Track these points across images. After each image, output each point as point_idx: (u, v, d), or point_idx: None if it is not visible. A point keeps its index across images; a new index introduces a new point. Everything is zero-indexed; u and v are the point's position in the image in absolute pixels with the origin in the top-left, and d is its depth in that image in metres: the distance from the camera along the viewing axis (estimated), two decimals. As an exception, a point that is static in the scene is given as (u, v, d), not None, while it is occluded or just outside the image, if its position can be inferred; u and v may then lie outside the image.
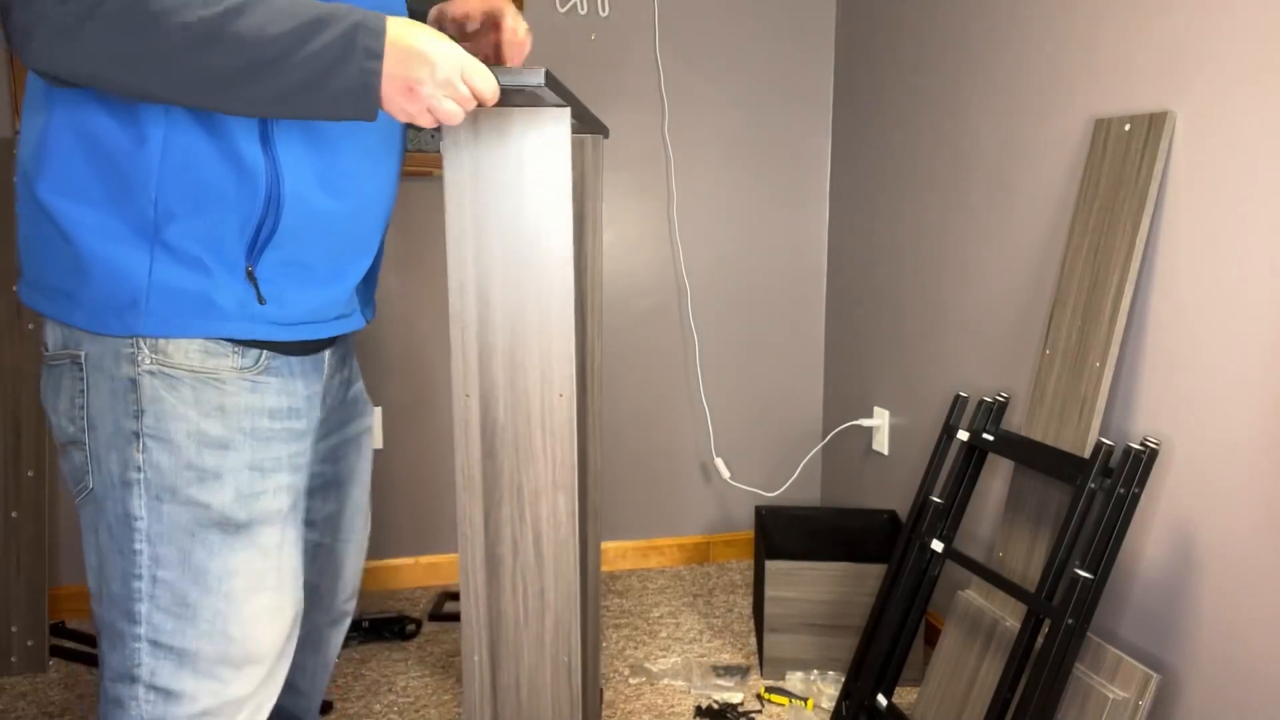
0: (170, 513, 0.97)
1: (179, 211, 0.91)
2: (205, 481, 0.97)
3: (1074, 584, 1.35)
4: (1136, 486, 1.36)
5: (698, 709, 1.87)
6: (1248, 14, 1.28)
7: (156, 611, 0.98)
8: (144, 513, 0.97)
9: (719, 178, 2.54)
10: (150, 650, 0.98)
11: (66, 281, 0.94)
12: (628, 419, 2.58)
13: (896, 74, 2.22)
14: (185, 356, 0.96)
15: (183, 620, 0.98)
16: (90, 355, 0.96)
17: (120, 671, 0.99)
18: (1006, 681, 1.44)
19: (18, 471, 2.02)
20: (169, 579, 0.97)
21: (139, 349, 0.94)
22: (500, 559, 1.08)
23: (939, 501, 1.69)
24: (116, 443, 0.96)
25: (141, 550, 0.97)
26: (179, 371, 0.96)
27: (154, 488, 0.96)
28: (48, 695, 1.92)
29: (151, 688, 0.99)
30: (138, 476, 0.96)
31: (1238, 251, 1.30)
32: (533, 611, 1.09)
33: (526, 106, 1.01)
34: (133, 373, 0.95)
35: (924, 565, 1.69)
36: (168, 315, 0.94)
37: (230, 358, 0.98)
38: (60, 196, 0.91)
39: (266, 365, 1.02)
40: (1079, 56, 1.60)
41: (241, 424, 1.00)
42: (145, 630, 0.98)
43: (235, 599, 1.00)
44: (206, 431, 0.97)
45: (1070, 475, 1.45)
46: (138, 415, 0.96)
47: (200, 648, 0.99)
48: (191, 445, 0.97)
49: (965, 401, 1.71)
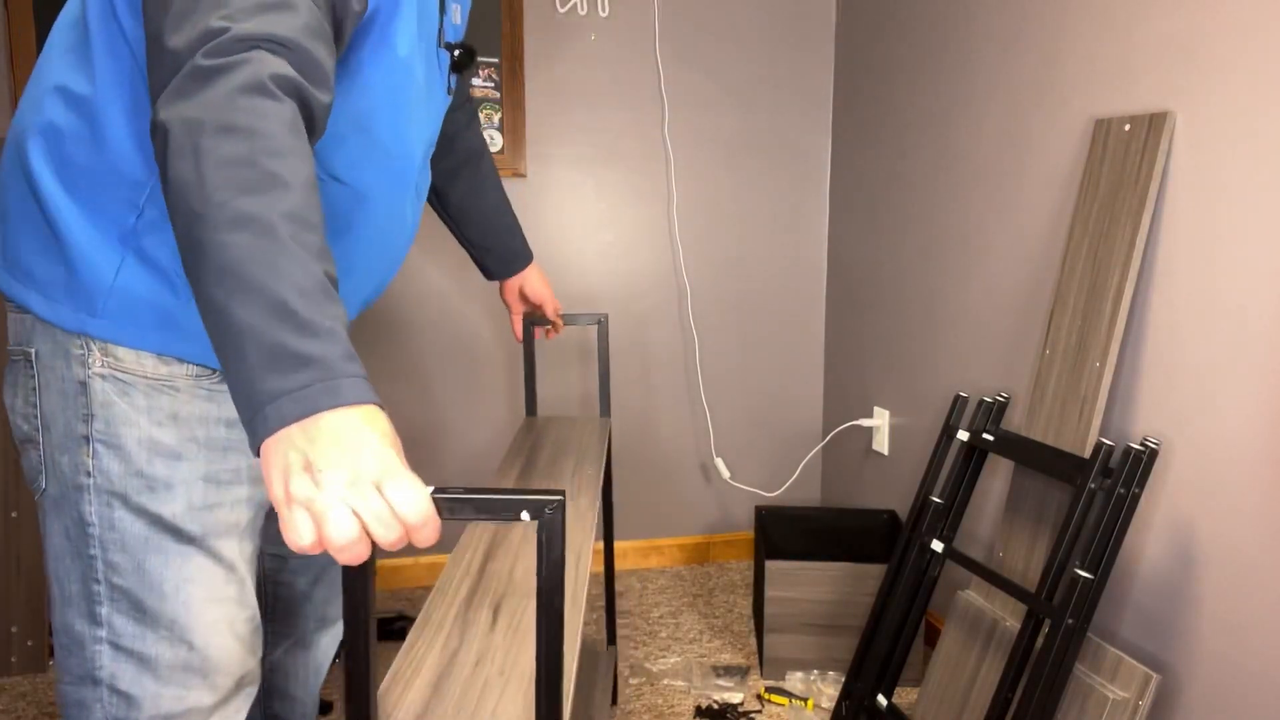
0: (121, 519, 0.94)
1: (162, 224, 0.89)
2: (156, 491, 0.94)
3: (1074, 584, 1.34)
4: (1136, 486, 1.36)
5: (698, 709, 1.87)
6: (1248, 14, 1.27)
7: (117, 615, 0.96)
8: (95, 519, 0.94)
9: (719, 178, 2.54)
10: (111, 653, 0.96)
11: (32, 258, 0.91)
12: (628, 419, 2.58)
13: (897, 74, 2.22)
14: (138, 362, 0.93)
15: (142, 625, 0.96)
16: (41, 353, 0.93)
17: (81, 674, 0.97)
18: (1006, 682, 1.44)
19: (18, 471, 2.02)
20: (125, 585, 0.95)
21: (89, 350, 0.91)
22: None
23: (939, 501, 1.69)
24: (68, 445, 0.93)
25: (97, 555, 0.95)
26: (131, 376, 0.93)
27: (104, 494, 0.93)
28: (48, 695, 1.92)
29: (113, 690, 0.97)
30: (88, 482, 0.94)
31: (1238, 252, 1.30)
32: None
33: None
34: (83, 375, 0.92)
35: (924, 565, 1.69)
36: (123, 322, 0.91)
37: (186, 365, 0.95)
38: (52, 175, 0.88)
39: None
40: (1079, 57, 1.60)
41: (195, 433, 0.96)
42: (106, 633, 0.96)
43: (194, 607, 0.97)
44: (158, 439, 0.94)
45: (1070, 475, 1.45)
46: (88, 419, 0.93)
47: (160, 653, 0.97)
48: (142, 453, 0.94)
49: (965, 401, 1.71)
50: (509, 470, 1.42)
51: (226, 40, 0.71)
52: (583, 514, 1.20)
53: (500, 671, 0.82)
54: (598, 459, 1.47)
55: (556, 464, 1.44)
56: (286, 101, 0.72)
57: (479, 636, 0.88)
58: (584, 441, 1.57)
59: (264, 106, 0.70)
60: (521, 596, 0.97)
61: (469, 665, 0.83)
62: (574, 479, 1.36)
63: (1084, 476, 1.40)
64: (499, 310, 2.46)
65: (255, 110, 0.69)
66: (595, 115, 2.45)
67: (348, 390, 0.63)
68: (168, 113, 0.69)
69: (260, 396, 0.62)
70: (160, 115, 0.70)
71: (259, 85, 0.70)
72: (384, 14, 0.91)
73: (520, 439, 1.59)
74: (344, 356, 0.64)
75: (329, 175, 0.96)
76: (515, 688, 0.79)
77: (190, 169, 0.67)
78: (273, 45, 0.73)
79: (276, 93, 0.71)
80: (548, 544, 0.61)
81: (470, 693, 0.79)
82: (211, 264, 0.65)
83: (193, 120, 0.68)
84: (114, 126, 0.87)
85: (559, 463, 1.45)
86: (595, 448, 1.53)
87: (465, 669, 0.83)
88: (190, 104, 0.69)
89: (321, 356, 0.63)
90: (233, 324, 0.64)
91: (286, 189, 0.68)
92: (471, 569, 1.04)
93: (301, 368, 0.62)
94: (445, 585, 1.00)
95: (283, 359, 0.62)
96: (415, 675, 0.82)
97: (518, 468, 1.43)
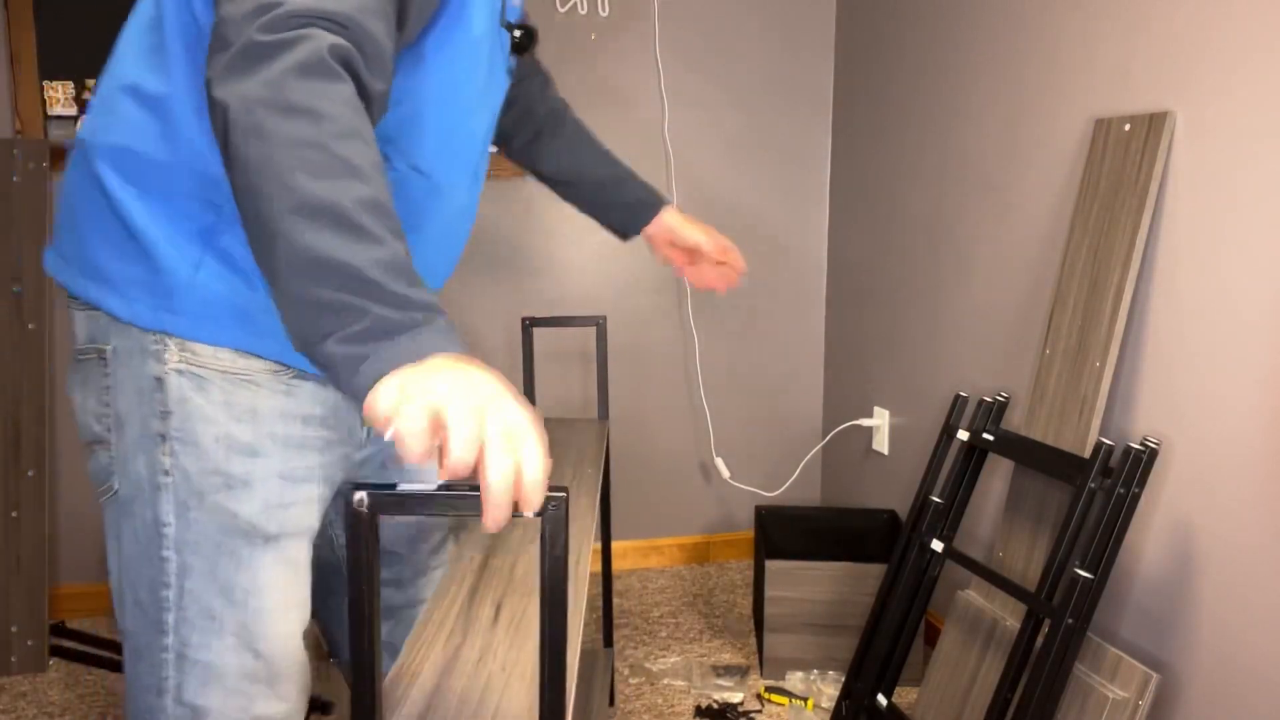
0: (197, 520, 0.92)
1: (239, 222, 0.84)
2: (233, 489, 0.92)
3: (1074, 584, 1.35)
4: (1136, 486, 1.36)
5: (698, 709, 1.87)
6: (1247, 14, 1.28)
7: (184, 623, 0.93)
8: (172, 519, 0.92)
9: (719, 177, 2.54)
10: (177, 663, 0.94)
11: (107, 259, 0.89)
12: (628, 419, 2.58)
13: (897, 74, 2.22)
14: (215, 357, 0.91)
15: (209, 634, 0.93)
16: (118, 350, 0.91)
17: (147, 684, 0.95)
18: (1006, 681, 1.44)
19: (18, 471, 2.02)
20: (196, 590, 0.93)
21: (166, 346, 0.89)
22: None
23: (939, 501, 1.69)
24: (144, 444, 0.91)
25: (170, 559, 0.92)
26: (208, 372, 0.91)
27: (181, 493, 0.91)
28: (48, 695, 1.92)
29: (179, 702, 0.95)
30: (165, 481, 0.91)
31: (1238, 251, 1.30)
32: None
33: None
34: (159, 371, 0.90)
35: (924, 565, 1.69)
36: (202, 319, 0.89)
37: (265, 360, 0.93)
38: (126, 176, 0.87)
39: (302, 370, 0.96)
40: (1079, 56, 1.60)
41: (274, 429, 0.94)
42: (173, 641, 0.94)
43: (263, 615, 0.95)
44: (235, 436, 0.92)
45: (1070, 475, 1.45)
46: (165, 416, 0.90)
47: (227, 662, 0.94)
48: (220, 450, 0.91)
49: (965, 401, 1.71)
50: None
51: (281, 15, 0.69)
52: (582, 514, 1.20)
53: (503, 668, 0.82)
54: (596, 460, 1.47)
55: (556, 465, 1.45)
56: (347, 81, 0.71)
57: (481, 633, 0.89)
58: (583, 443, 1.57)
59: (326, 87, 0.69)
60: (523, 594, 0.97)
61: (472, 661, 0.83)
62: (574, 480, 1.37)
63: (1084, 476, 1.40)
64: (499, 311, 2.47)
65: (317, 91, 0.68)
66: (595, 115, 2.45)
67: (443, 338, 0.66)
68: (224, 90, 0.68)
69: (361, 354, 0.64)
70: (217, 92, 0.68)
71: (319, 64, 0.69)
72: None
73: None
74: (436, 307, 0.67)
75: (410, 167, 0.93)
76: (518, 684, 0.79)
77: (257, 151, 0.66)
78: (329, 23, 0.71)
79: (338, 71, 0.70)
80: (551, 540, 0.61)
81: (474, 689, 0.79)
82: (288, 250, 0.65)
83: (253, 99, 0.67)
84: (188, 126, 0.85)
85: (558, 464, 1.45)
86: (594, 449, 1.54)
87: (468, 665, 0.83)
88: (249, 82, 0.68)
89: (423, 304, 0.66)
90: (317, 301, 0.65)
91: (358, 174, 0.67)
92: (473, 566, 1.04)
93: (398, 326, 0.65)
94: (447, 583, 1.00)
95: (378, 322, 0.64)
96: (419, 671, 0.82)
97: (518, 467, 1.43)
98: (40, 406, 2.04)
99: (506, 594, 0.97)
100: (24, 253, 2.05)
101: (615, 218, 1.43)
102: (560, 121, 1.41)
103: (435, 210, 0.98)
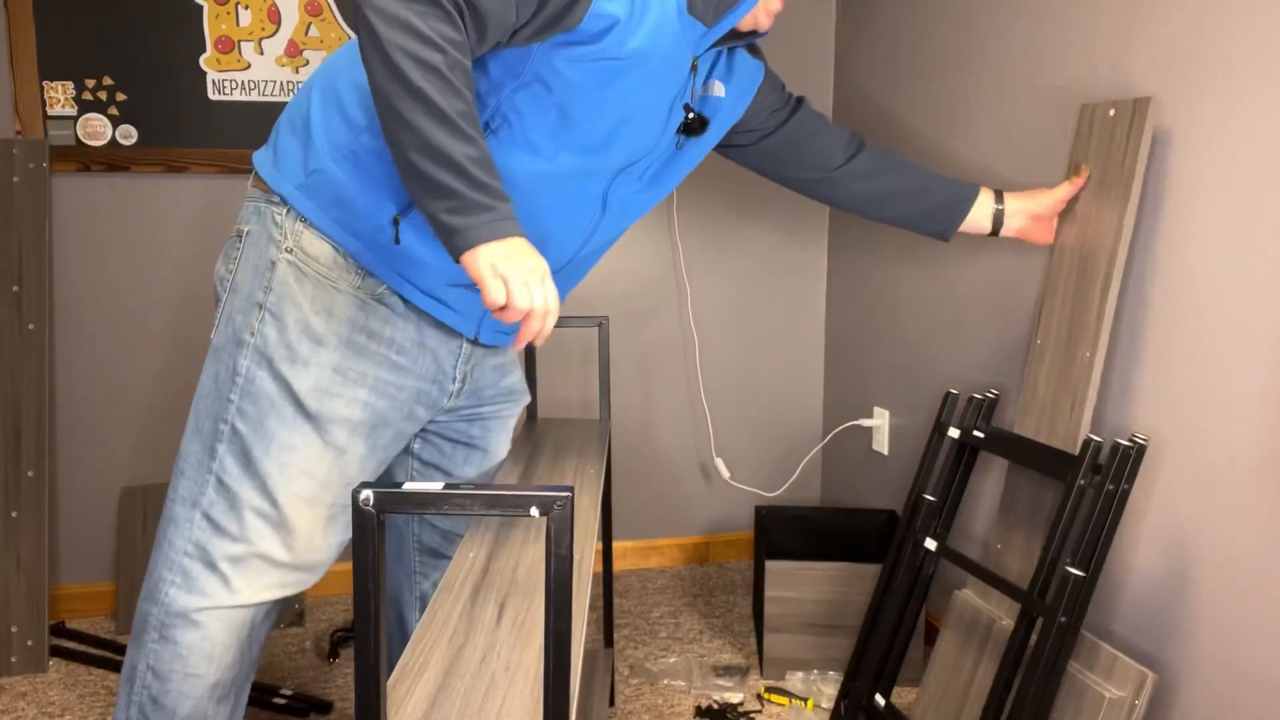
0: (262, 377, 1.15)
1: (379, 148, 1.12)
2: (294, 363, 1.15)
3: (1065, 581, 1.35)
4: (1126, 483, 1.37)
5: (698, 709, 1.88)
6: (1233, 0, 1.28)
7: (229, 455, 1.16)
8: (244, 370, 1.16)
9: (719, 178, 2.54)
10: (215, 485, 1.17)
11: (286, 143, 1.18)
12: (628, 419, 2.59)
13: (896, 73, 2.22)
14: (317, 258, 1.16)
15: (244, 470, 1.16)
16: (251, 233, 1.19)
17: (185, 495, 1.18)
18: (1001, 680, 1.44)
19: (18, 471, 2.02)
20: (244, 431, 1.16)
21: (286, 238, 1.16)
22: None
23: (931, 499, 1.70)
24: (245, 308, 1.17)
25: (233, 400, 1.16)
26: (308, 267, 1.16)
27: (257, 353, 1.15)
28: (48, 695, 1.92)
29: (206, 516, 1.17)
30: (249, 339, 1.16)
31: (1234, 242, 1.31)
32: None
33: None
34: (275, 256, 1.16)
35: (918, 564, 1.70)
36: (318, 200, 1.15)
37: (352, 275, 1.17)
38: (321, 96, 1.18)
39: (381, 295, 1.19)
40: (1068, 44, 1.61)
41: (340, 330, 1.17)
42: (217, 467, 1.16)
43: (287, 470, 1.16)
44: (310, 324, 1.16)
45: (1060, 472, 1.46)
46: (267, 290, 1.16)
47: (249, 499, 1.16)
48: (295, 330, 1.15)
49: (956, 399, 1.71)
50: (511, 471, 1.42)
51: None
52: (584, 514, 1.20)
53: (506, 667, 0.82)
54: (598, 461, 1.47)
55: (557, 465, 1.45)
56: (457, 22, 0.97)
57: (484, 633, 0.89)
58: (584, 444, 1.58)
59: (441, 26, 0.96)
60: (525, 594, 0.97)
61: (475, 661, 0.84)
62: (576, 480, 1.37)
63: (1074, 473, 1.40)
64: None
65: (435, 25, 0.96)
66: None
67: (518, 227, 1.00)
68: (368, 12, 0.95)
69: (457, 225, 0.97)
70: (361, 12, 0.96)
71: (438, 4, 0.96)
72: (621, 22, 1.07)
73: (521, 441, 1.60)
74: (503, 195, 0.99)
75: (526, 141, 1.14)
76: (521, 683, 0.80)
77: (390, 64, 0.95)
78: None
79: (451, 13, 0.97)
80: (556, 539, 0.61)
81: (477, 688, 0.79)
82: (411, 136, 0.96)
83: (389, 20, 0.94)
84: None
85: (560, 464, 1.45)
86: (595, 449, 1.54)
87: (471, 664, 0.83)
88: (389, 9, 0.94)
89: (495, 191, 0.98)
90: (426, 174, 0.96)
91: (460, 94, 0.97)
92: (475, 567, 1.04)
93: (482, 210, 0.97)
94: (450, 583, 1.00)
95: (481, 207, 0.97)
96: (422, 670, 0.82)
97: (519, 469, 1.43)
98: (40, 406, 2.04)
99: (509, 595, 0.97)
100: (24, 253, 2.05)
101: (932, 223, 1.58)
102: (874, 157, 1.57)
103: (545, 190, 1.19)
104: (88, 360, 2.22)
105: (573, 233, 1.26)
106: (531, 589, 0.99)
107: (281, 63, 2.20)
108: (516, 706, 0.76)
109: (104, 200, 2.18)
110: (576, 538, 1.11)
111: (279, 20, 2.19)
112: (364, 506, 0.61)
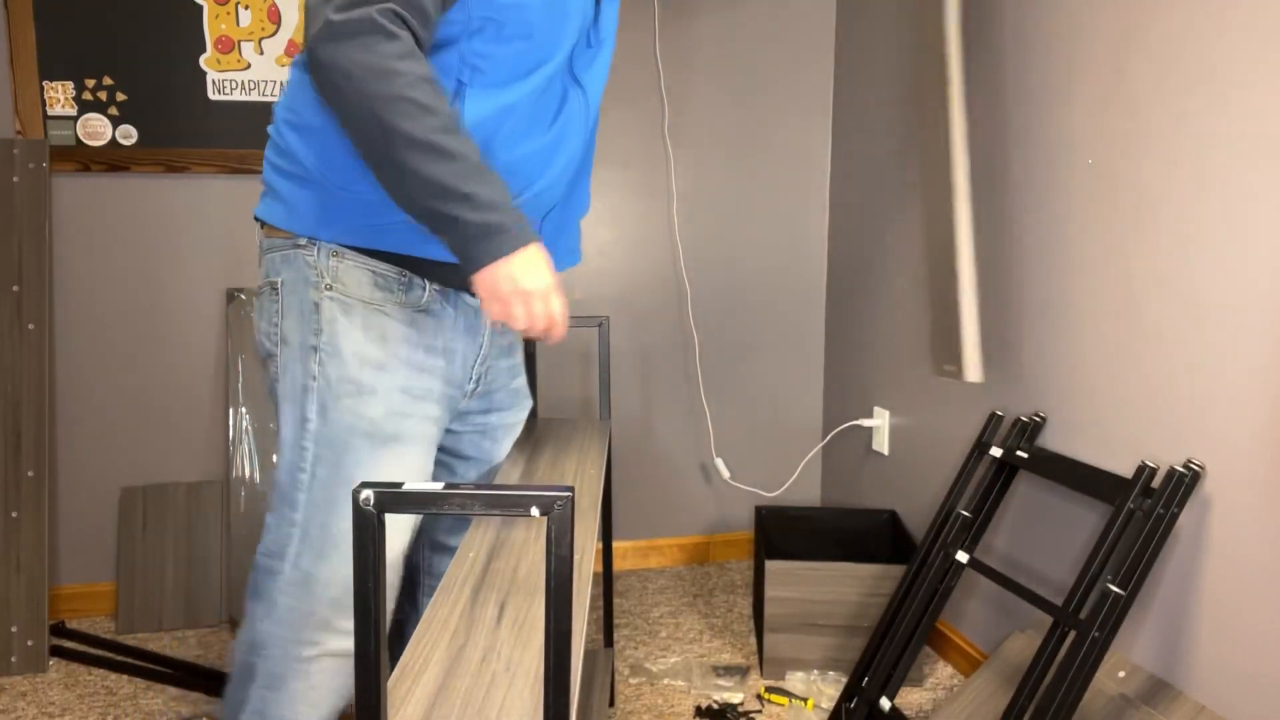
0: (333, 418, 1.14)
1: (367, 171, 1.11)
2: (363, 395, 1.15)
3: (1104, 597, 1.34)
4: (1176, 507, 1.36)
5: (698, 709, 1.87)
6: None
7: (311, 504, 1.15)
8: (314, 416, 1.15)
9: (719, 178, 2.54)
10: (301, 536, 1.15)
11: (289, 182, 1.16)
12: (628, 418, 2.59)
13: (897, 73, 2.22)
14: (358, 287, 1.16)
15: (329, 515, 1.14)
16: (285, 282, 1.17)
17: (274, 549, 1.17)
18: (1024, 690, 1.42)
19: (18, 471, 2.02)
20: (324, 476, 1.14)
21: (322, 277, 1.15)
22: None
23: (967, 515, 1.69)
24: (301, 356, 1.16)
25: (308, 448, 1.15)
26: (351, 300, 1.15)
27: (323, 395, 1.14)
28: (48, 695, 1.92)
29: (295, 567, 1.16)
30: (313, 384, 1.15)
31: (1231, 246, 1.30)
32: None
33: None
34: (316, 297, 1.15)
35: (945, 574, 1.69)
36: (347, 224, 1.14)
37: (396, 293, 1.18)
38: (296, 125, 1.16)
39: (427, 306, 1.21)
40: (1069, 44, 1.61)
41: (399, 351, 1.17)
42: (300, 518, 1.15)
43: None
44: (367, 353, 1.15)
45: (1109, 495, 1.45)
46: (317, 333, 1.15)
47: (340, 542, 1.15)
48: (355, 362, 1.15)
49: (1001, 419, 1.70)
50: (511, 471, 1.42)
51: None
52: (585, 514, 1.20)
53: (506, 667, 0.82)
54: (599, 461, 1.47)
55: (558, 465, 1.45)
56: (405, 37, 0.99)
57: (485, 633, 0.89)
58: (585, 444, 1.57)
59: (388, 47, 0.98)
60: (526, 595, 0.97)
61: (475, 661, 0.83)
62: (576, 480, 1.37)
63: (1124, 497, 1.40)
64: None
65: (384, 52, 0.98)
66: (595, 116, 2.45)
67: (525, 235, 1.04)
68: (318, 56, 0.98)
69: (470, 246, 1.01)
70: (311, 60, 0.99)
71: (381, 29, 0.98)
72: None
73: (521, 441, 1.60)
74: (514, 217, 1.03)
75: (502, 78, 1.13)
76: (521, 684, 0.80)
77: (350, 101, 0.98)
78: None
79: (395, 32, 0.98)
80: (556, 539, 0.61)
81: (477, 688, 0.79)
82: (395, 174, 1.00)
83: (340, 65, 0.97)
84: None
85: (560, 464, 1.45)
86: (596, 449, 1.54)
87: (471, 664, 0.83)
88: (336, 51, 0.97)
89: (499, 222, 1.02)
90: (424, 208, 1.01)
91: (429, 110, 0.99)
92: (476, 567, 1.04)
93: (481, 235, 1.01)
94: (450, 583, 1.00)
95: (481, 229, 1.01)
96: (423, 670, 0.82)
97: (519, 469, 1.43)
98: (40, 406, 2.04)
99: (510, 595, 0.97)
100: (24, 253, 2.05)
101: None
102: None
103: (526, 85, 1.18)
104: (88, 360, 2.22)
105: (575, 127, 1.25)
106: (532, 589, 0.99)
107: (281, 63, 2.20)
108: (516, 706, 0.76)
109: (104, 200, 2.18)
110: (577, 538, 1.11)
111: (279, 20, 2.19)
112: (364, 506, 0.61)
